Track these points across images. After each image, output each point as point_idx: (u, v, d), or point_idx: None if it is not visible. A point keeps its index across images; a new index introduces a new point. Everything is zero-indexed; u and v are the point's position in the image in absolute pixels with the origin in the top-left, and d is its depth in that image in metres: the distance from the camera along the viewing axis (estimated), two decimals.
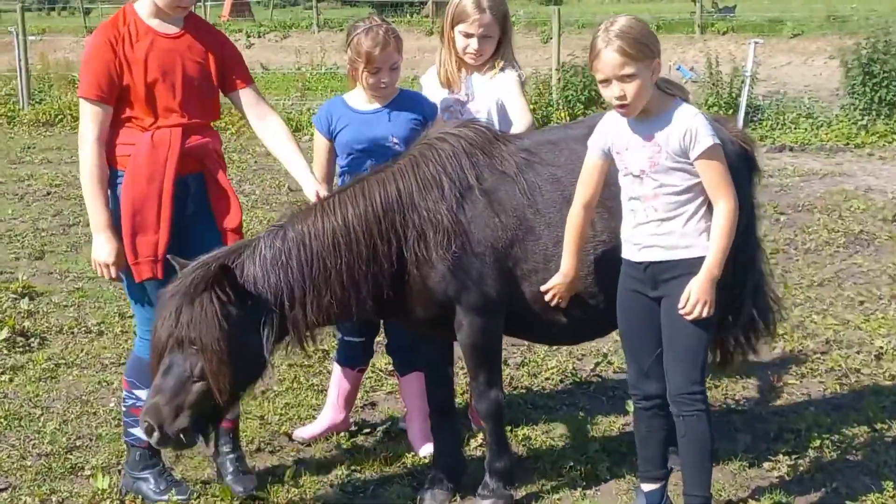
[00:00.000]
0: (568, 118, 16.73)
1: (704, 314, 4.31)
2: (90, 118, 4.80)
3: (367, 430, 5.86)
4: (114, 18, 4.93)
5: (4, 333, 7.31)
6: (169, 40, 4.89)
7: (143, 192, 4.74)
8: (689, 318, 4.31)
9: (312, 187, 4.90)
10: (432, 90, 5.59)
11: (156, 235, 4.75)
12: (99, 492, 5.09)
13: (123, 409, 5.18)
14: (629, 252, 4.51)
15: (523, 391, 6.48)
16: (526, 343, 6.82)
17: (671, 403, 4.47)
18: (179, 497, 5.03)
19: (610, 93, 4.28)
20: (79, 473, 5.36)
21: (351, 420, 5.90)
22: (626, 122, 4.41)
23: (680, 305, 4.31)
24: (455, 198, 4.60)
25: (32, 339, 7.40)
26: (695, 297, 4.29)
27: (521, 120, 5.34)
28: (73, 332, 7.58)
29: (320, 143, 5.46)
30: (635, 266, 4.48)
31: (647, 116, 4.35)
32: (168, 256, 4.62)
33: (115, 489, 5.13)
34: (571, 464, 5.37)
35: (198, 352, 4.29)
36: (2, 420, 5.98)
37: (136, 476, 5.11)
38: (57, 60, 24.88)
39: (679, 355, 4.41)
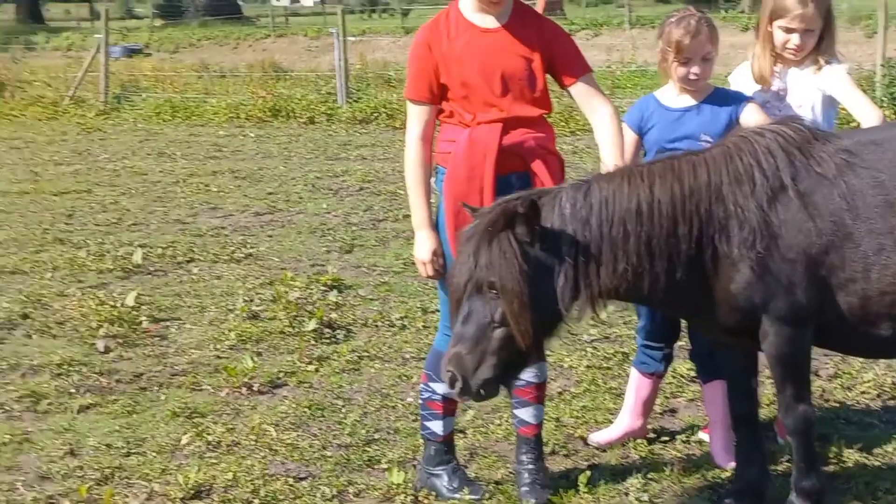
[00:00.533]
0: (894, 117, 15.86)
1: None
2: (413, 118, 4.93)
3: (666, 439, 5.62)
4: (435, 18, 4.98)
5: (313, 324, 7.52)
6: (489, 35, 4.82)
7: (464, 190, 4.72)
8: None
9: None
10: (743, 87, 5.32)
11: None
12: (393, 486, 5.10)
13: (420, 402, 5.19)
14: None
15: (836, 405, 6.08)
16: (839, 354, 6.40)
17: None
18: (472, 496, 4.97)
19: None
20: (375, 466, 5.40)
21: (648, 427, 5.69)
22: None
23: None
24: (766, 196, 4.30)
25: (338, 331, 7.57)
26: None
27: (869, 114, 5.00)
28: (377, 326, 7.71)
29: (628, 138, 5.28)
30: None
31: None
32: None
33: (410, 484, 5.13)
34: (888, 486, 4.98)
35: (498, 295, 4.14)
36: (306, 409, 6.11)
37: (431, 472, 5.10)
38: (375, 60, 25.80)
39: None
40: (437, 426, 5.06)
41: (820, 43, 5.13)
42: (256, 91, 22.00)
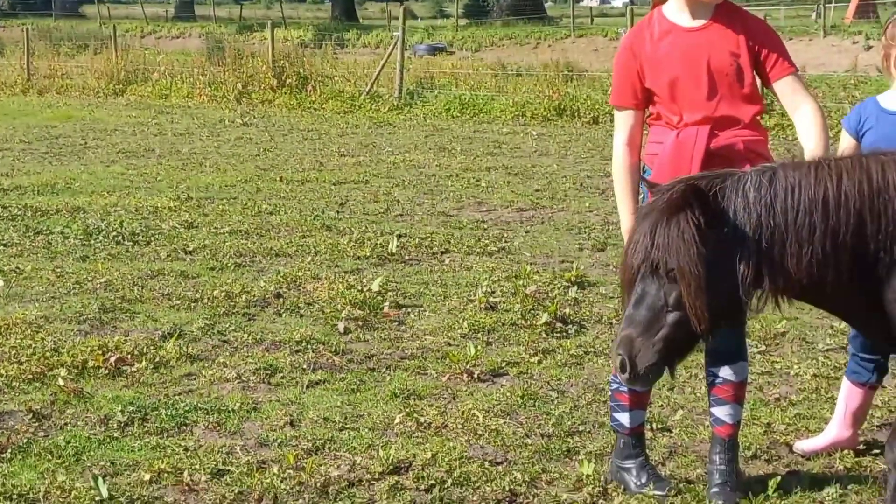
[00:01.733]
0: None
1: None
2: (619, 124, 5.00)
3: (877, 451, 5.42)
4: (640, 22, 5.01)
5: (545, 318, 7.63)
6: (693, 34, 4.79)
7: None
8: None
9: None
10: None
11: None
12: (584, 477, 5.16)
13: (610, 393, 5.24)
14: None
15: None
16: None
17: None
18: (657, 492, 4.97)
19: None
20: (573, 457, 5.46)
21: (861, 438, 5.51)
22: None
23: None
24: None
25: (571, 326, 7.65)
26: None
27: None
28: (611, 323, 7.75)
29: (845, 142, 5.16)
30: None
31: None
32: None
33: (600, 476, 5.18)
34: None
35: (673, 278, 4.03)
36: (519, 398, 6.23)
37: (621, 465, 5.12)
38: None
39: None
40: (624, 418, 5.08)
41: None
42: (543, 90, 22.30)
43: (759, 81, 4.84)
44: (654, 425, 5.78)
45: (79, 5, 70.80)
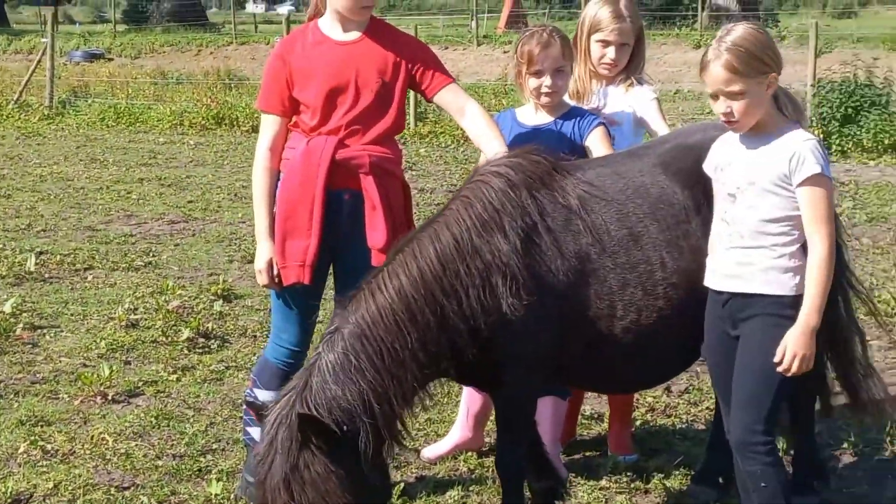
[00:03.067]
0: (822, 135, 15.99)
1: (805, 369, 3.94)
2: (264, 128, 5.03)
3: None
4: (294, 32, 5.10)
5: (187, 334, 7.53)
6: (343, 47, 4.87)
7: (296, 197, 4.78)
8: (787, 372, 3.95)
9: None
10: None
11: (306, 241, 4.76)
12: (212, 496, 5.13)
13: (243, 407, 5.23)
14: (711, 279, 4.19)
15: (678, 420, 6.15)
16: (694, 370, 6.47)
17: (735, 456, 4.10)
18: None
19: (717, 108, 4.02)
20: (205, 477, 5.41)
21: (486, 439, 5.74)
22: (732, 138, 4.13)
23: (776, 360, 3.93)
24: (518, 237, 4.14)
25: (213, 341, 7.59)
26: (791, 351, 3.92)
27: None
28: (254, 336, 7.73)
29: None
30: (716, 299, 4.17)
31: (757, 132, 4.04)
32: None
33: (231, 494, 5.15)
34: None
35: None
36: (153, 419, 6.12)
37: (250, 481, 5.11)
38: None
39: (743, 400, 4.06)
40: (256, 433, 5.08)
41: (632, 60, 5.26)
42: (202, 99, 22.01)
43: (415, 98, 4.91)
44: None
45: None
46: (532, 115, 5.20)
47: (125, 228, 11.62)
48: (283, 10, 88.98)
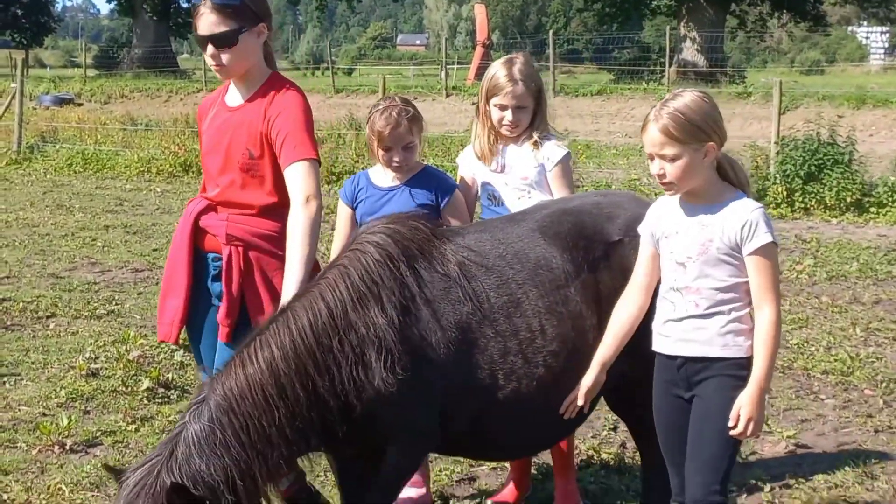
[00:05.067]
0: (785, 193, 16.19)
1: (757, 431, 4.01)
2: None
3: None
4: (216, 91, 5.11)
5: (147, 384, 7.54)
6: (229, 113, 4.84)
7: (173, 256, 4.86)
8: (742, 436, 4.00)
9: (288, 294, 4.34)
10: (469, 165, 5.52)
11: (177, 300, 4.81)
12: None
13: None
14: (661, 344, 4.20)
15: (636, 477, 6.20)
16: None
17: None
18: None
19: (653, 168, 4.08)
20: None
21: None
22: (678, 205, 4.17)
23: (730, 424, 3.98)
24: (395, 310, 4.07)
25: (173, 391, 7.59)
26: (747, 414, 3.96)
27: None
28: None
29: (343, 212, 5.42)
30: (668, 363, 4.19)
31: (703, 201, 4.10)
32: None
33: None
34: None
35: None
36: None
37: None
38: None
39: (702, 461, 4.07)
40: None
41: (534, 120, 5.37)
42: (170, 145, 22.03)
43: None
44: None
45: None
46: (383, 177, 5.34)
47: (89, 276, 11.61)
48: None
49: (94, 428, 6.81)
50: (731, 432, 3.99)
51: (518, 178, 5.35)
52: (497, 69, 5.37)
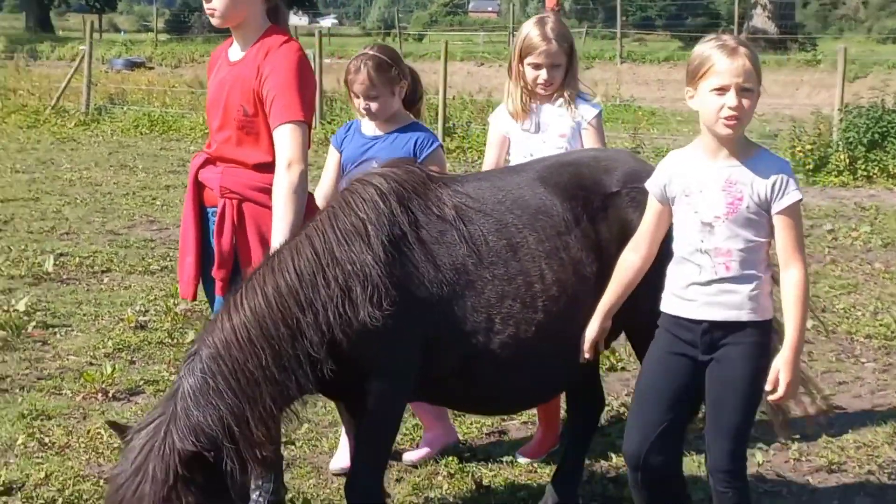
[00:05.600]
0: (847, 160, 16.00)
1: (794, 394, 3.99)
2: None
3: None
4: (223, 44, 5.08)
5: (192, 336, 7.69)
6: (230, 67, 4.83)
7: (184, 214, 4.94)
8: (777, 399, 3.97)
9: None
10: (502, 124, 5.61)
11: (190, 257, 4.88)
12: None
13: None
14: (683, 308, 4.06)
15: None
16: None
17: (710, 476, 4.12)
18: None
19: (729, 100, 3.84)
20: None
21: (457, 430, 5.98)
22: (698, 162, 4.04)
23: (768, 387, 3.94)
24: (383, 247, 4.09)
25: None
26: (785, 378, 3.89)
27: None
28: None
29: (332, 156, 5.56)
30: (688, 326, 4.05)
31: (730, 156, 3.98)
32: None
33: None
34: None
35: None
36: None
37: None
38: None
39: (725, 429, 4.01)
40: None
41: (566, 77, 5.45)
42: None
43: None
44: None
45: None
46: (370, 127, 5.46)
47: (146, 233, 11.82)
48: (327, 22, 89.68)
49: (138, 377, 6.99)
50: (770, 397, 3.96)
51: (556, 136, 5.43)
52: (530, 29, 5.43)
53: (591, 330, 4.33)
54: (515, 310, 4.26)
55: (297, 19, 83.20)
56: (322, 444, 5.95)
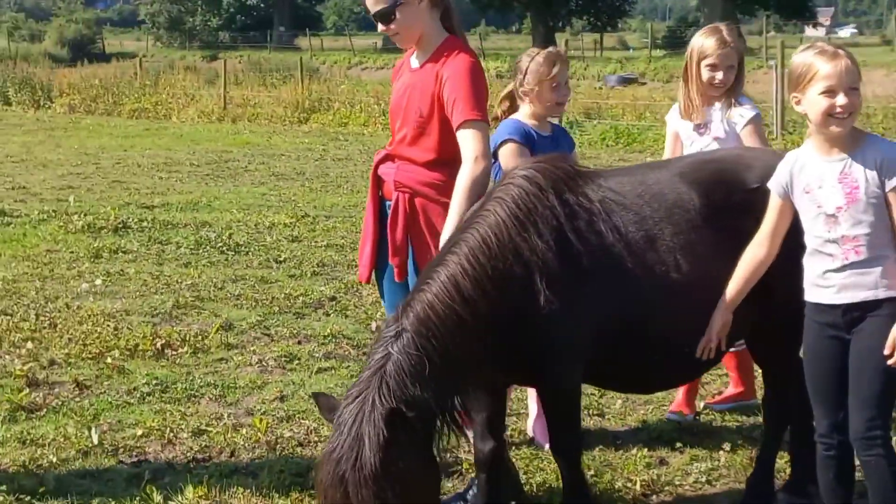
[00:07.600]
0: None
1: None
2: None
3: None
4: (406, 54, 5.59)
5: None
6: (412, 74, 5.35)
7: (368, 205, 5.55)
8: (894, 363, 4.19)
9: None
10: (675, 122, 6.11)
11: (368, 246, 5.50)
12: None
13: None
14: (821, 295, 4.36)
15: None
16: None
17: (853, 445, 4.34)
18: None
19: (840, 100, 4.17)
20: None
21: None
22: (813, 158, 4.36)
23: (886, 352, 4.18)
24: (550, 235, 4.46)
25: None
26: None
27: None
28: None
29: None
30: (829, 311, 4.35)
31: (841, 148, 4.29)
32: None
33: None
34: None
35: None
36: None
37: None
38: None
39: (862, 398, 4.26)
40: None
41: (736, 81, 5.88)
42: None
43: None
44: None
45: (294, 38, 74.07)
46: (535, 125, 5.77)
47: None
48: (845, 32, 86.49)
49: None
50: (889, 361, 4.17)
51: (718, 135, 5.87)
52: (708, 34, 5.89)
53: (716, 322, 4.66)
54: (655, 297, 4.65)
55: (812, 31, 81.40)
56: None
